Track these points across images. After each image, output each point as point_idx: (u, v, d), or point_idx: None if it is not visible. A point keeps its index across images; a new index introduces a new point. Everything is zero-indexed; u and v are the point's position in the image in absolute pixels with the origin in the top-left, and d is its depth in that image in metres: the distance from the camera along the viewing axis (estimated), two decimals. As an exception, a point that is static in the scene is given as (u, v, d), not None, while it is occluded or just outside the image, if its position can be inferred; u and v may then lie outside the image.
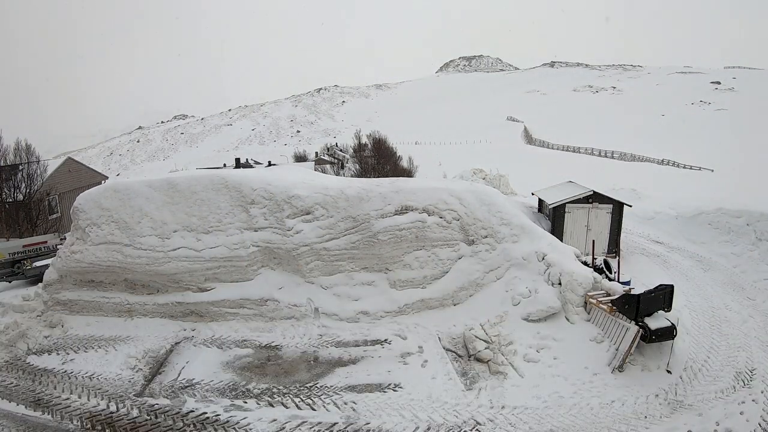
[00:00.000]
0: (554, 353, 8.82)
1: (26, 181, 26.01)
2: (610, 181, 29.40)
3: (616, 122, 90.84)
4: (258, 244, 11.01)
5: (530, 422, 7.18)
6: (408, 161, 52.36)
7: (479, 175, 27.75)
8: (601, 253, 14.07)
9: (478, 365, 8.89)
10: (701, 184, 37.80)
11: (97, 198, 11.74)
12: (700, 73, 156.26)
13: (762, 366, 8.59)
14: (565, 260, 10.65)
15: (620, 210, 14.82)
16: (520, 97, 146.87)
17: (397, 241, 11.25)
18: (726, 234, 15.12)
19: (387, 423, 7.27)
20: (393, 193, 11.58)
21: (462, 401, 7.75)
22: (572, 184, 17.01)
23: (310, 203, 11.16)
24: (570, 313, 9.79)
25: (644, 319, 8.29)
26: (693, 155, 52.84)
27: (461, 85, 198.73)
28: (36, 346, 10.14)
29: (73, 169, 31.98)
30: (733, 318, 10.60)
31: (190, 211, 11.29)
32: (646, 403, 7.51)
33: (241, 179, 11.60)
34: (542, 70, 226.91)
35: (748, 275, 13.01)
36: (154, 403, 7.89)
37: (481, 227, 11.62)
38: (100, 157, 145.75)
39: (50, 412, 7.78)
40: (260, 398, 8.00)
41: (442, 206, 11.60)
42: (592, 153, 65.73)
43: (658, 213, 18.21)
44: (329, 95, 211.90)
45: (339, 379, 8.52)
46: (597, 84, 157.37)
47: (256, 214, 11.19)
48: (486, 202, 11.95)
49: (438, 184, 12.41)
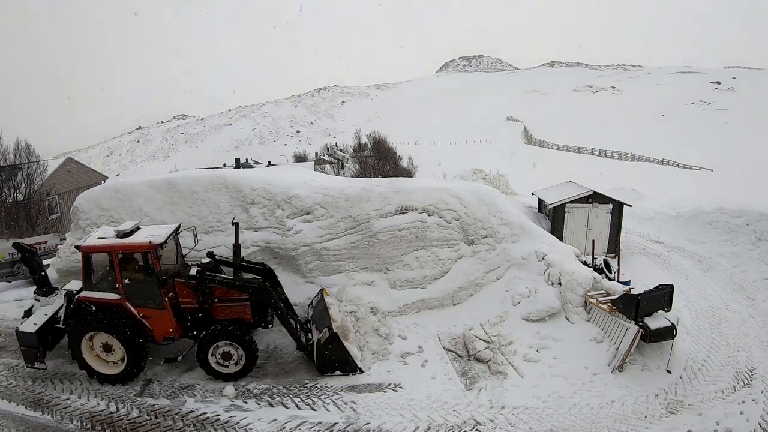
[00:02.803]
0: (554, 353, 8.83)
1: (26, 181, 26.04)
2: (610, 181, 29.44)
3: (616, 122, 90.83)
4: (258, 244, 11.01)
5: (530, 422, 7.19)
6: (408, 161, 52.43)
7: (479, 175, 27.72)
8: (601, 253, 14.08)
9: (478, 365, 8.89)
10: (701, 184, 37.86)
11: (97, 198, 11.73)
12: (700, 73, 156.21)
13: (762, 366, 8.60)
14: (565, 260, 10.66)
15: (620, 210, 14.84)
16: (520, 97, 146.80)
17: (397, 241, 11.26)
18: (726, 234, 15.13)
19: (387, 423, 7.27)
20: (393, 193, 11.58)
21: (462, 401, 7.76)
22: (572, 184, 17.02)
23: (310, 203, 11.16)
24: (570, 313, 9.80)
25: (644, 319, 8.30)
26: (693, 155, 52.87)
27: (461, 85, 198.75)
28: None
29: (73, 169, 32.00)
30: (733, 318, 10.61)
31: (190, 211, 11.29)
32: (646, 403, 7.52)
33: (241, 179, 11.59)
34: (542, 70, 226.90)
35: (748, 275, 13.02)
36: (154, 403, 7.89)
37: (481, 227, 11.63)
38: (100, 157, 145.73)
39: (50, 412, 7.78)
40: (260, 398, 8.00)
41: (442, 206, 11.60)
42: (592, 153, 65.78)
43: (658, 213, 18.22)
44: (329, 95, 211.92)
45: (339, 379, 8.53)
46: (597, 84, 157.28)
47: (255, 214, 11.19)
48: (486, 202, 11.95)
49: (438, 184, 12.42)
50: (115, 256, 8.20)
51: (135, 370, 8.35)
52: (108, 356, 8.41)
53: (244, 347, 8.40)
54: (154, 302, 8.35)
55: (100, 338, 8.30)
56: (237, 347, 8.38)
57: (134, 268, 8.78)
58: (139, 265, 8.83)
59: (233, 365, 8.48)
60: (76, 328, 8.22)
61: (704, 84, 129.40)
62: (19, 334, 8.33)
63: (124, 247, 8.27)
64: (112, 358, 8.42)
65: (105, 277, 8.69)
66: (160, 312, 8.37)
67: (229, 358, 8.43)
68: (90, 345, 8.37)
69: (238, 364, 8.48)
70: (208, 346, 8.32)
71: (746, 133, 65.28)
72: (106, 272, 8.74)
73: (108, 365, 8.45)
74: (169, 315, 8.39)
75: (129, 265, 8.69)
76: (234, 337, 8.33)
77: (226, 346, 8.37)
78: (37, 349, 8.31)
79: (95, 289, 8.41)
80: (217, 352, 8.39)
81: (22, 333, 8.30)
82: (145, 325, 8.37)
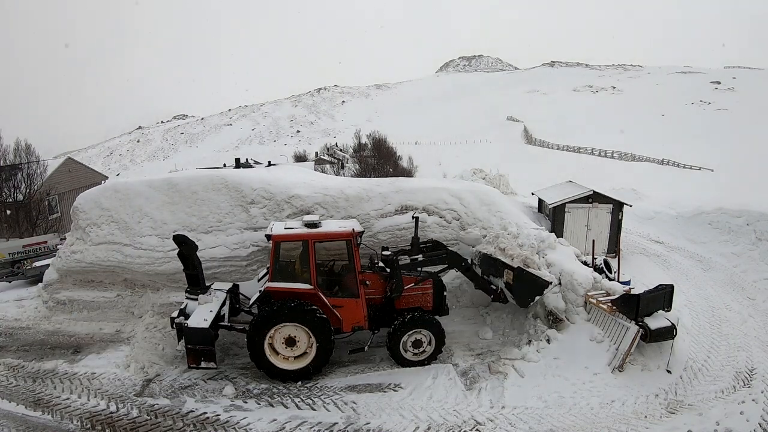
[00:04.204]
0: (554, 353, 8.81)
1: (26, 181, 26.05)
2: (610, 181, 29.43)
3: (616, 122, 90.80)
4: (258, 244, 11.01)
5: (530, 422, 7.18)
6: (408, 161, 52.44)
7: (479, 175, 27.75)
8: (601, 253, 14.07)
9: (479, 365, 8.89)
10: (701, 183, 37.83)
11: (97, 198, 11.74)
12: (700, 73, 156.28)
13: (762, 366, 8.59)
14: (565, 260, 10.64)
15: (620, 210, 14.84)
16: (520, 97, 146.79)
17: (397, 241, 11.26)
18: (726, 234, 15.13)
19: (387, 423, 7.27)
20: (393, 192, 11.59)
21: (462, 401, 7.75)
22: (572, 184, 17.03)
23: (310, 203, 11.16)
24: (570, 313, 9.77)
25: (644, 319, 8.29)
26: (693, 155, 52.84)
27: (461, 85, 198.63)
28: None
29: (73, 169, 32.02)
30: (733, 318, 10.60)
31: (190, 211, 11.29)
32: (646, 403, 7.51)
33: (241, 179, 11.60)
34: (542, 70, 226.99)
35: (748, 275, 13.01)
36: (154, 403, 7.88)
37: (481, 227, 11.62)
38: (100, 157, 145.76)
39: (50, 412, 7.78)
40: (260, 398, 8.00)
41: (442, 206, 11.60)
42: (592, 153, 65.76)
43: (658, 213, 18.23)
44: (329, 95, 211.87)
45: (339, 379, 8.53)
46: (597, 84, 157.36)
47: (256, 214, 11.19)
48: (486, 202, 11.95)
49: (438, 184, 12.42)
50: (312, 245, 8.20)
51: (323, 362, 8.28)
52: (290, 351, 8.20)
53: (434, 333, 8.61)
54: (348, 291, 8.48)
55: (284, 331, 8.10)
56: (427, 334, 8.60)
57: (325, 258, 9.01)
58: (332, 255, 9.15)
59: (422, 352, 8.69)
60: (265, 319, 7.98)
61: (704, 84, 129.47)
62: (190, 331, 7.89)
63: (323, 236, 8.39)
64: (292, 353, 8.21)
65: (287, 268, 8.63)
66: (354, 301, 8.48)
67: (420, 345, 8.64)
68: (270, 340, 8.13)
69: (425, 351, 8.69)
70: (402, 334, 8.49)
71: (746, 133, 65.22)
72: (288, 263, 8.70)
73: (287, 361, 8.22)
74: (362, 303, 8.48)
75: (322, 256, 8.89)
76: (425, 324, 8.56)
77: (418, 334, 8.59)
78: (210, 347, 7.97)
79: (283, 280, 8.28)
80: (408, 340, 8.58)
81: (194, 329, 7.87)
82: (335, 315, 8.37)
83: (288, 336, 8.17)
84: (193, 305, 8.72)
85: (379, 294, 8.88)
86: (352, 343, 8.99)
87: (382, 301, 8.88)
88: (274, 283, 8.24)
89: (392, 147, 57.16)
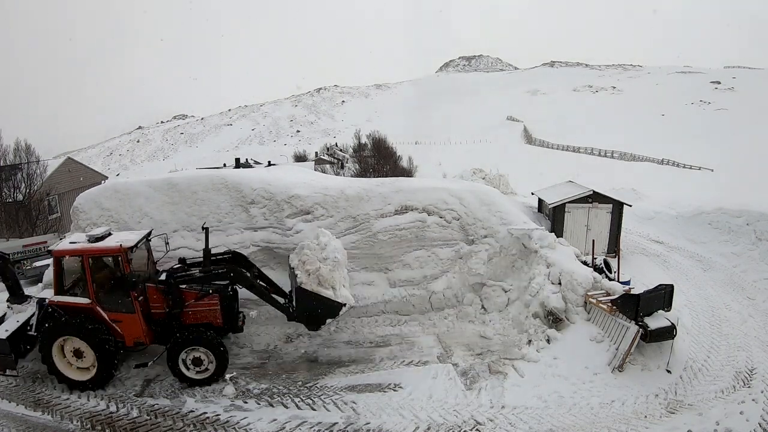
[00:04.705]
0: (554, 353, 8.82)
1: (26, 181, 26.00)
2: (610, 181, 29.39)
3: (616, 122, 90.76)
4: (258, 244, 11.01)
5: (530, 422, 7.19)
6: (408, 161, 52.34)
7: (479, 175, 27.74)
8: (601, 253, 14.07)
9: (479, 365, 8.89)
10: (701, 183, 37.76)
11: (97, 198, 11.73)
12: (700, 73, 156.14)
13: (762, 366, 8.59)
14: (565, 260, 10.65)
15: (620, 210, 14.83)
16: (520, 97, 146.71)
17: (397, 241, 11.26)
18: (726, 234, 15.13)
19: (387, 423, 7.27)
20: (393, 193, 11.59)
21: (462, 401, 7.76)
22: (572, 184, 17.02)
23: (310, 203, 11.16)
24: (570, 313, 9.78)
25: (644, 319, 8.29)
26: (693, 155, 52.77)
27: (461, 85, 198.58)
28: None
29: (73, 169, 31.98)
30: (733, 318, 10.60)
31: (190, 211, 11.29)
32: (646, 403, 7.52)
33: (241, 179, 11.60)
34: (542, 70, 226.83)
35: (748, 275, 13.01)
36: (154, 403, 7.89)
37: (481, 227, 11.63)
38: (100, 157, 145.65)
39: (50, 412, 7.78)
40: (260, 398, 8.00)
41: (442, 206, 11.61)
42: (592, 153, 65.70)
43: (658, 213, 18.23)
44: (329, 95, 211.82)
45: (339, 379, 8.53)
46: (597, 84, 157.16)
47: (256, 214, 11.19)
48: (486, 202, 11.96)
49: (438, 184, 12.43)
50: (86, 260, 8.14)
51: (105, 375, 8.27)
52: (79, 362, 8.30)
53: (215, 353, 8.31)
54: (124, 307, 8.30)
55: (71, 343, 8.20)
56: (208, 353, 8.28)
57: (105, 273, 8.74)
58: (110, 270, 8.80)
59: (205, 370, 8.37)
60: (47, 333, 8.12)
61: (704, 84, 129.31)
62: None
63: (95, 251, 8.23)
64: (83, 364, 8.30)
65: (77, 283, 8.64)
66: (131, 316, 8.31)
67: (200, 363, 8.34)
68: (62, 351, 8.27)
69: (208, 370, 8.37)
70: (179, 351, 8.24)
71: (746, 133, 65.16)
72: (77, 277, 8.67)
73: (80, 371, 8.34)
74: (139, 319, 8.32)
75: (100, 270, 8.63)
76: (204, 343, 8.25)
77: (196, 352, 8.28)
78: (9, 356, 8.21)
79: (66, 294, 8.37)
80: (188, 358, 8.31)
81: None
82: (115, 329, 8.31)
83: (75, 348, 8.23)
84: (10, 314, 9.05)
85: (163, 309, 8.57)
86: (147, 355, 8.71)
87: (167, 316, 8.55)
88: (56, 297, 8.31)
89: (392, 147, 57.07)
